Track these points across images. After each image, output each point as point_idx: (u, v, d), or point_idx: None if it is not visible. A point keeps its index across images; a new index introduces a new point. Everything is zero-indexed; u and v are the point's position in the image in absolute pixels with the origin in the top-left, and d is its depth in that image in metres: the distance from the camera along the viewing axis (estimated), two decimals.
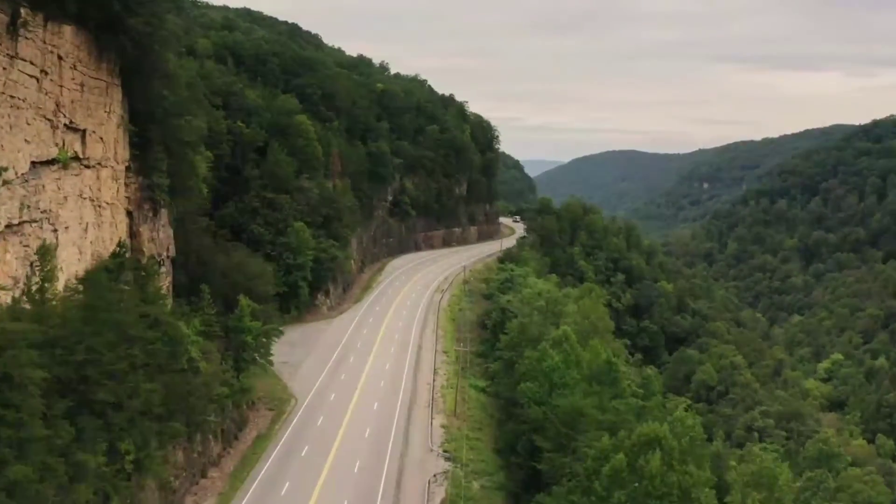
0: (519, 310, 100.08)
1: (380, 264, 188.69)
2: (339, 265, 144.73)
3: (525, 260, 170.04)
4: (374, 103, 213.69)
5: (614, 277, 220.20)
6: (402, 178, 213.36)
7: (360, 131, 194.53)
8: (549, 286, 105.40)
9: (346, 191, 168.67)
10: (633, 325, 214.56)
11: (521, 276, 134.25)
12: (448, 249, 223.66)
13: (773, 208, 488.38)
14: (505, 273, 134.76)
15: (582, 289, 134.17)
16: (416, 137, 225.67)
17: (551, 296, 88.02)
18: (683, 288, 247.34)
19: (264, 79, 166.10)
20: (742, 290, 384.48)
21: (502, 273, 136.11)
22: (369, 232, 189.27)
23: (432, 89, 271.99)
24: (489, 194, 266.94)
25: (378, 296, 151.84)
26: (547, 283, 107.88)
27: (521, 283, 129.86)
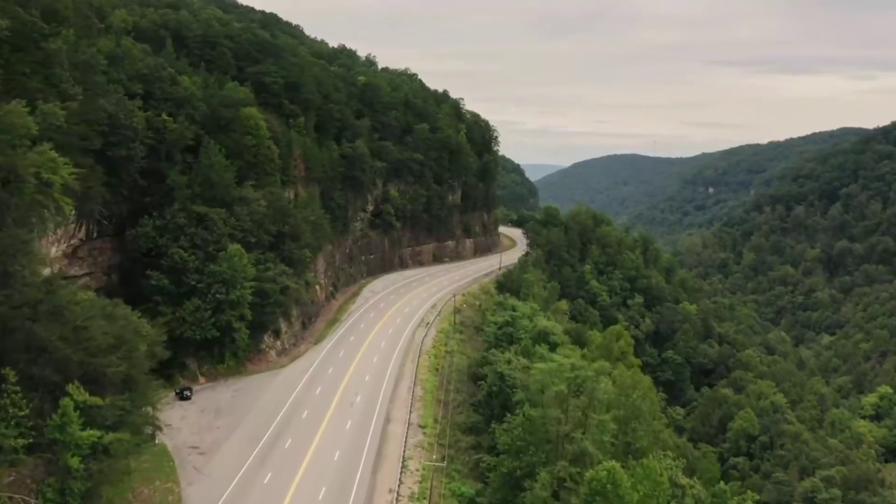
0: (525, 383, 70.34)
1: (356, 287, 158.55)
2: (295, 296, 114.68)
3: (529, 285, 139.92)
4: (353, 98, 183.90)
5: (632, 299, 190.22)
6: (386, 185, 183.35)
7: (335, 130, 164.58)
8: (571, 354, 75.71)
9: (312, 200, 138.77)
10: (654, 355, 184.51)
11: (524, 316, 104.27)
12: (439, 266, 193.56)
13: (790, 215, 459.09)
14: (504, 313, 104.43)
15: (607, 334, 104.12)
16: (404, 138, 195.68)
17: (575, 374, 59.53)
18: (707, 309, 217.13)
19: (212, 65, 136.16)
20: (762, 305, 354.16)
21: (501, 313, 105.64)
22: (343, 249, 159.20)
23: (423, 84, 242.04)
24: (487, 202, 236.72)
25: (346, 333, 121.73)
26: (570, 351, 78.20)
27: (524, 328, 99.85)
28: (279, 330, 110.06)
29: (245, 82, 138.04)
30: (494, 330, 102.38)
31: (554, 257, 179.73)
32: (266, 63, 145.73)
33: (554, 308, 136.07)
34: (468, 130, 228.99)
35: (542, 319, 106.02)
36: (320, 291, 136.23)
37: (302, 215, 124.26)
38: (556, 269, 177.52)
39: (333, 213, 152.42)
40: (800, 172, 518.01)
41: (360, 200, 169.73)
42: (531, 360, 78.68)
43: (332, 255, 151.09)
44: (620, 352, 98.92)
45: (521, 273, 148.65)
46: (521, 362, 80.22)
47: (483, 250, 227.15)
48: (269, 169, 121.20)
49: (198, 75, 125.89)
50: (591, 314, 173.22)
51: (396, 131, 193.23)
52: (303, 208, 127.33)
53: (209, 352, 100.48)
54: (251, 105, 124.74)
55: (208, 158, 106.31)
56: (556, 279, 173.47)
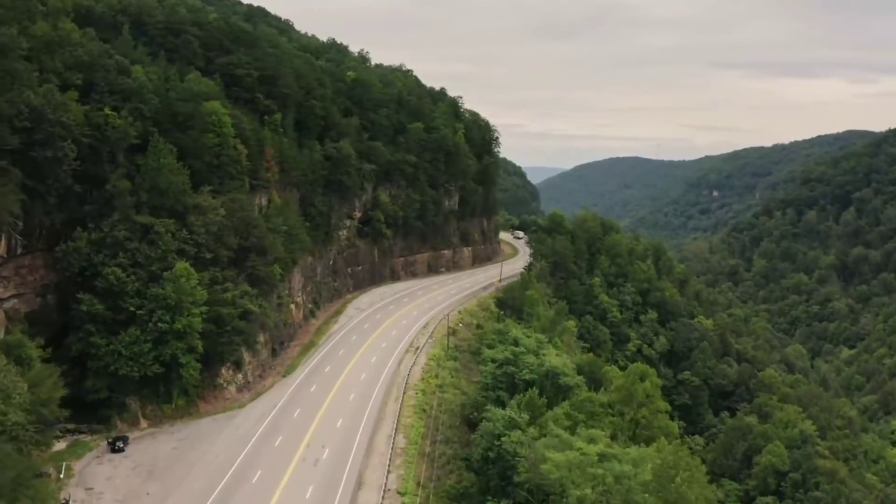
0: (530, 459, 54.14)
1: (340, 303, 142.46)
2: (261, 320, 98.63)
3: (532, 303, 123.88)
4: (341, 95, 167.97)
5: (644, 315, 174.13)
6: (376, 189, 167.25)
7: (318, 128, 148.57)
8: (597, 434, 59.10)
9: (288, 207, 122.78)
10: (669, 375, 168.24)
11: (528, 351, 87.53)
12: (434, 278, 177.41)
13: (801, 220, 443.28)
14: (504, 349, 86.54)
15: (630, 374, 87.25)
16: (396, 138, 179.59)
17: (605, 470, 44.44)
18: (724, 324, 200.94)
19: (175, 54, 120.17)
20: (775, 315, 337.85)
21: (501, 348, 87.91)
22: (326, 260, 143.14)
23: (419, 81, 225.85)
24: (487, 207, 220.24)
25: (322, 361, 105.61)
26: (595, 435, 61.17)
27: (529, 366, 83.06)
28: (240, 361, 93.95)
29: (213, 74, 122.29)
30: (493, 369, 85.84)
31: (560, 269, 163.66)
32: (238, 53, 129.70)
33: (561, 329, 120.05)
34: (467, 131, 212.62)
35: (550, 354, 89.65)
36: (296, 311, 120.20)
37: (272, 225, 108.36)
38: (563, 282, 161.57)
39: (314, 220, 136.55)
40: (810, 176, 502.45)
41: (345, 206, 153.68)
42: (538, 427, 62.31)
43: (313, 267, 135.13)
44: (645, 395, 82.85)
45: (523, 289, 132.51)
46: (523, 420, 63.83)
47: (482, 259, 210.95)
48: (235, 172, 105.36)
49: (156, 65, 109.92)
50: (601, 332, 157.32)
51: (388, 131, 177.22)
52: (275, 217, 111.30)
53: (153, 389, 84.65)
54: (216, 99, 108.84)
55: (156, 160, 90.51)
56: (563, 293, 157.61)
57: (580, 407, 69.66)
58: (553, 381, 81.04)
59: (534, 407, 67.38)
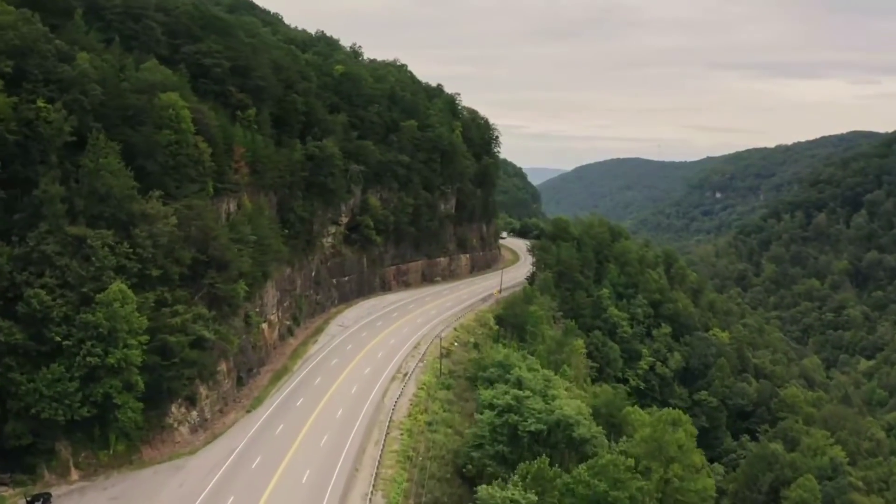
0: None
1: (323, 319, 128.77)
2: (222, 347, 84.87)
3: (535, 321, 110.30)
4: (328, 90, 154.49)
5: (657, 329, 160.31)
6: (365, 192, 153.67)
7: (299, 125, 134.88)
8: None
9: (262, 212, 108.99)
10: (685, 396, 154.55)
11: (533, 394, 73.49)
12: (428, 289, 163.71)
13: (810, 223, 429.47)
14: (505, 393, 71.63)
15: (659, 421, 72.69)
16: (388, 136, 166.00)
17: None
18: (741, 337, 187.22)
19: (134, 41, 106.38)
20: (787, 323, 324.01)
21: (501, 390, 73.62)
22: (307, 271, 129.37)
23: (413, 77, 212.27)
24: (486, 211, 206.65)
25: (294, 392, 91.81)
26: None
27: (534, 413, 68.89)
28: (195, 396, 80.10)
29: (178, 64, 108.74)
30: (491, 418, 71.57)
31: (565, 279, 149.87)
32: (208, 42, 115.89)
33: (569, 351, 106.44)
34: (464, 129, 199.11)
35: (560, 394, 75.68)
36: (269, 331, 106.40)
37: (238, 234, 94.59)
38: (569, 294, 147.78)
39: (293, 227, 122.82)
40: (818, 177, 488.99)
41: (330, 211, 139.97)
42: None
43: (291, 280, 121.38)
44: (678, 446, 68.78)
45: (525, 303, 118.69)
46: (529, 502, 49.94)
47: (481, 267, 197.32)
48: (195, 174, 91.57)
49: (110, 53, 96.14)
50: (611, 349, 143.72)
51: (379, 129, 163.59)
52: (242, 225, 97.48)
53: (87, 433, 70.95)
54: (175, 90, 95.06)
55: (95, 160, 76.78)
56: (569, 305, 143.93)
57: (602, 471, 55.86)
58: (565, 433, 67.39)
59: (544, 481, 53.61)
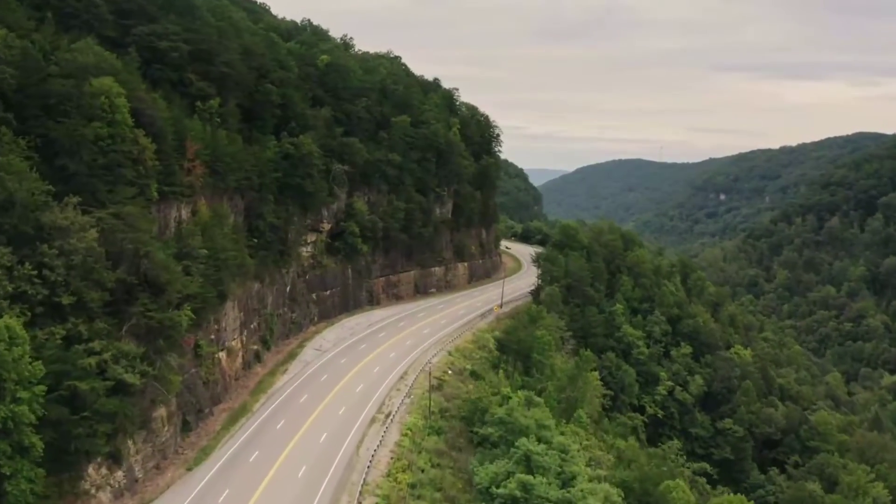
0: None
1: (298, 340, 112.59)
2: (155, 391, 68.52)
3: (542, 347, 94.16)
4: (310, 81, 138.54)
5: (676, 349, 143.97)
6: (351, 194, 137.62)
7: (274, 120, 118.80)
8: None
9: (222, 220, 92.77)
10: (707, 424, 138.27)
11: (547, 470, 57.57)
12: (422, 302, 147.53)
13: (822, 227, 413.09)
14: (511, 482, 54.89)
15: None
16: (377, 133, 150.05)
17: None
18: (765, 355, 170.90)
19: (75, 20, 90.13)
20: (802, 333, 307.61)
21: (505, 460, 57.37)
22: (280, 286, 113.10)
23: (408, 70, 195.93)
24: (486, 215, 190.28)
25: (251, 440, 75.45)
26: None
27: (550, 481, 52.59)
28: (119, 454, 63.74)
29: (127, 48, 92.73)
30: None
31: (574, 293, 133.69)
32: (164, 22, 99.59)
33: (583, 388, 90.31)
34: (463, 126, 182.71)
35: (581, 478, 59.22)
36: (228, 361, 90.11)
37: (186, 247, 78.49)
38: (578, 311, 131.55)
39: (264, 236, 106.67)
40: (829, 179, 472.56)
41: (309, 217, 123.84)
42: None
43: (261, 297, 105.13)
44: None
45: (531, 325, 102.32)
46: None
47: (480, 276, 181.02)
48: (133, 175, 75.46)
49: (40, 33, 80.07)
50: (627, 373, 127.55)
51: (368, 125, 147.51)
52: (191, 237, 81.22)
53: None
54: (113, 75, 78.91)
55: None
56: (578, 323, 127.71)
57: None
58: None
59: None
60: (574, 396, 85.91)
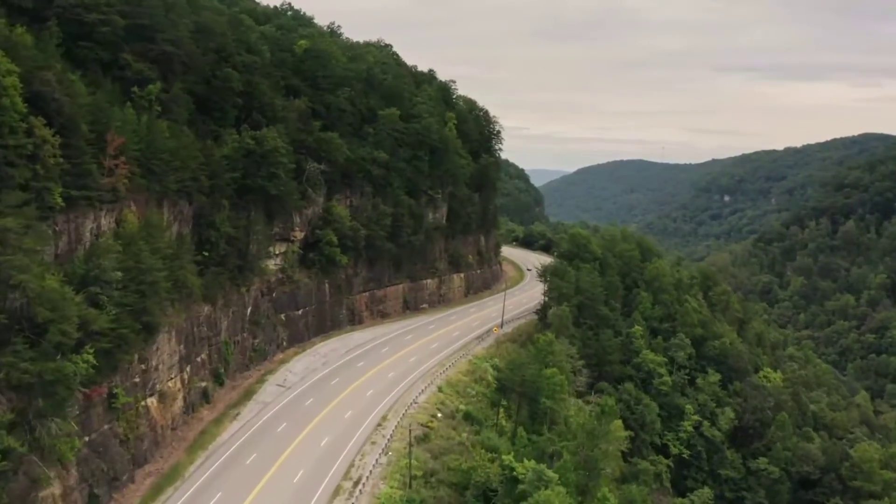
0: None
1: (259, 373, 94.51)
2: (34, 473, 50.50)
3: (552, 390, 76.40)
4: (285, 68, 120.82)
5: (702, 377, 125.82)
6: (331, 198, 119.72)
7: (235, 111, 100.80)
8: None
9: (156, 231, 74.61)
10: (738, 464, 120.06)
11: None
12: (411, 321, 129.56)
13: (837, 231, 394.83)
14: None
15: None
16: (362, 129, 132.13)
17: None
18: (796, 378, 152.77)
19: None
20: (821, 344, 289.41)
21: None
22: (239, 307, 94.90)
23: (399, 59, 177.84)
24: (485, 220, 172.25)
25: None
26: None
27: None
28: None
29: (45, 22, 75.17)
30: None
31: (587, 313, 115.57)
32: None
33: (608, 437, 72.26)
34: (460, 122, 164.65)
35: None
36: (161, 408, 71.98)
37: (90, 272, 60.51)
38: (592, 334, 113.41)
39: (216, 249, 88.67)
40: (843, 181, 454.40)
41: (277, 224, 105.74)
42: None
43: (212, 322, 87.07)
44: None
45: (537, 362, 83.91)
46: None
47: (479, 288, 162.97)
48: (28, 175, 57.78)
49: None
50: (649, 408, 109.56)
51: (351, 119, 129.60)
52: (105, 254, 63.18)
53: None
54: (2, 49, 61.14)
55: None
56: (591, 349, 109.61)
57: None
58: None
59: None
60: (595, 457, 68.19)
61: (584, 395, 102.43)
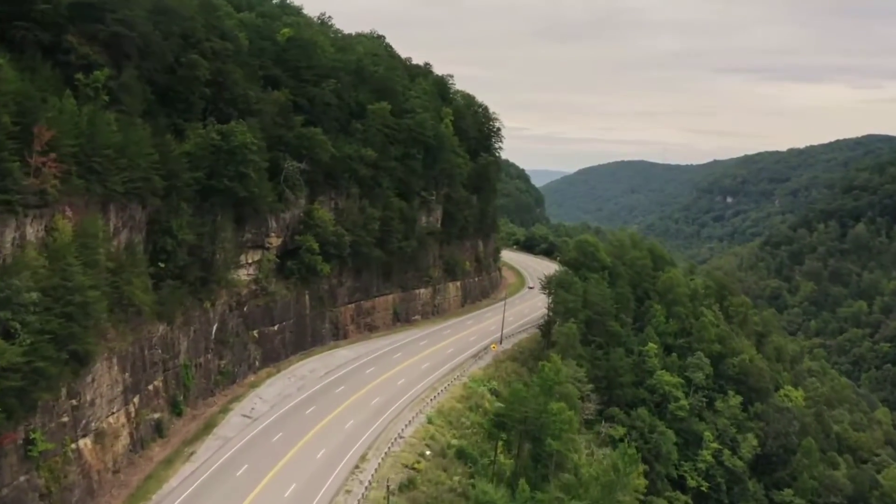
0: None
1: (225, 399, 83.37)
2: None
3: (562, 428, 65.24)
4: (265, 57, 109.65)
5: (722, 399, 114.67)
6: (314, 199, 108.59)
7: (203, 102, 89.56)
8: None
9: (92, 241, 63.30)
10: (760, 496, 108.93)
11: None
12: (401, 335, 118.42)
13: (847, 234, 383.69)
14: None
15: None
16: (349, 124, 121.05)
17: None
18: (819, 397, 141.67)
19: None
20: (833, 353, 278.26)
21: None
22: (203, 325, 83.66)
23: (392, 51, 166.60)
24: (484, 224, 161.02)
25: None
26: None
27: None
28: None
29: None
30: None
31: (595, 329, 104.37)
32: None
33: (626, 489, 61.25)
34: (457, 118, 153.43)
35: None
36: (96, 451, 60.67)
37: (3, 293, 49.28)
38: (602, 354, 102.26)
39: (174, 259, 77.43)
40: (852, 183, 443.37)
41: (249, 230, 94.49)
42: None
43: (168, 343, 75.87)
44: None
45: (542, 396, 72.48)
46: None
47: (476, 297, 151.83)
48: None
49: None
50: (665, 437, 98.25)
51: (338, 114, 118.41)
52: (14, 273, 52.01)
53: None
54: None
55: None
56: (601, 371, 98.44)
57: None
58: None
59: None
60: None
61: (593, 425, 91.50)
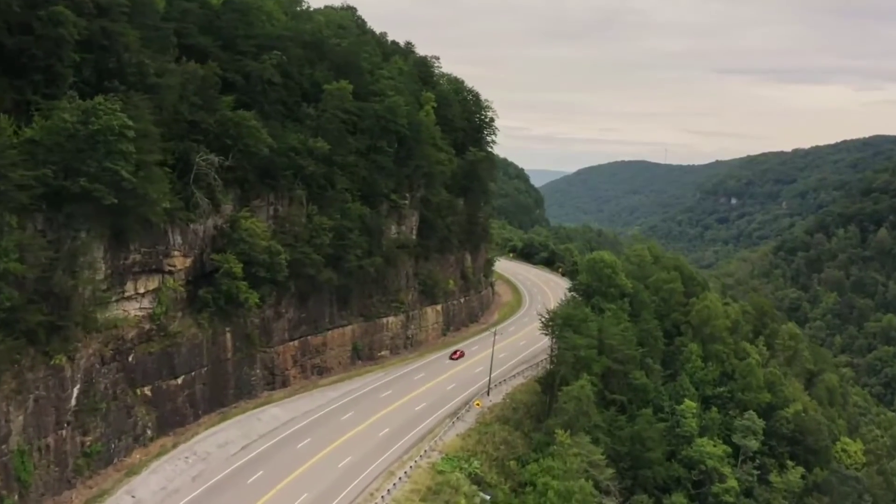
0: None
1: (83, 495, 56.66)
2: None
3: None
4: (189, 23, 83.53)
5: (777, 474, 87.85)
6: (239, 207, 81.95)
7: (71, 71, 62.86)
8: None
9: None
10: None
11: None
12: (358, 382, 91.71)
13: (866, 240, 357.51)
14: None
15: None
16: (299, 109, 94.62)
17: None
18: (880, 449, 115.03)
19: None
20: (863, 373, 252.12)
21: None
22: (50, 391, 56.92)
23: (364, 25, 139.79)
24: (472, 233, 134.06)
25: None
26: None
27: None
28: None
29: None
30: None
31: (615, 382, 77.87)
32: None
33: None
34: (441, 106, 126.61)
35: None
36: None
37: None
38: (624, 419, 75.75)
39: None
40: (871, 185, 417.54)
41: (135, 249, 67.62)
42: None
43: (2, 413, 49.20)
44: None
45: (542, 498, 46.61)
46: None
47: (462, 322, 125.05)
48: None
49: None
50: None
51: (283, 95, 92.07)
52: None
53: None
54: None
55: None
56: (623, 444, 71.91)
57: None
58: None
59: None
60: None
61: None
